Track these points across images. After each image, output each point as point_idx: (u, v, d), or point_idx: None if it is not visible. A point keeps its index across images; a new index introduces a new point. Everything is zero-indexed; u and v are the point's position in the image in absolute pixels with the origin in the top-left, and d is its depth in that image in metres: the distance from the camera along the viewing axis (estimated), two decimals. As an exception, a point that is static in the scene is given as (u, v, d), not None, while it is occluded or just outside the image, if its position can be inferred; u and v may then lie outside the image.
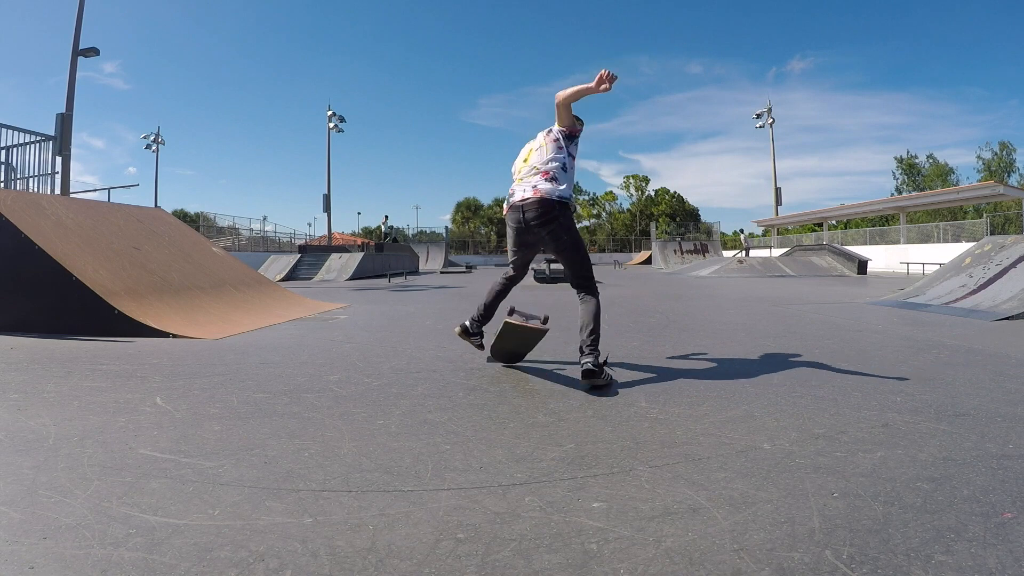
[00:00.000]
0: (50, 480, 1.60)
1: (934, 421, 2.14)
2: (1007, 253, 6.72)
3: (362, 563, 1.16)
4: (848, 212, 33.41)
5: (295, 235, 35.70)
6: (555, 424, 2.15)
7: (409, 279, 16.05)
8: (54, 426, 2.12)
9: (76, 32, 15.01)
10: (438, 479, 1.62)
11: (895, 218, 30.76)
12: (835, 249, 18.78)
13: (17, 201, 5.35)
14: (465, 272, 22.28)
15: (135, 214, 7.07)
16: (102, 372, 3.16)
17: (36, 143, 8.44)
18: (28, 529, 1.31)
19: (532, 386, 2.79)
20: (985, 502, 1.42)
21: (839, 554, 1.18)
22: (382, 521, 1.35)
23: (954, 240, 21.82)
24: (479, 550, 1.21)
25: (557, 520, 1.35)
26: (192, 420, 2.21)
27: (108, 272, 5.09)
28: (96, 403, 2.48)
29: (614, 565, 1.15)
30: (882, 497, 1.46)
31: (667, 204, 60.57)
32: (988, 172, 42.58)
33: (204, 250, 7.19)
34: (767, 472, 1.64)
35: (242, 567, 1.15)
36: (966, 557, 1.16)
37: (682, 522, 1.34)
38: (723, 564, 1.15)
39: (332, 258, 17.44)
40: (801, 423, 2.13)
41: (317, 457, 1.80)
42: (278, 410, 2.36)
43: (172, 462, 1.75)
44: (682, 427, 2.10)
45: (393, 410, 2.36)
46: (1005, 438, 1.93)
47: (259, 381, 2.94)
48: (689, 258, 28.03)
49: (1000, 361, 3.36)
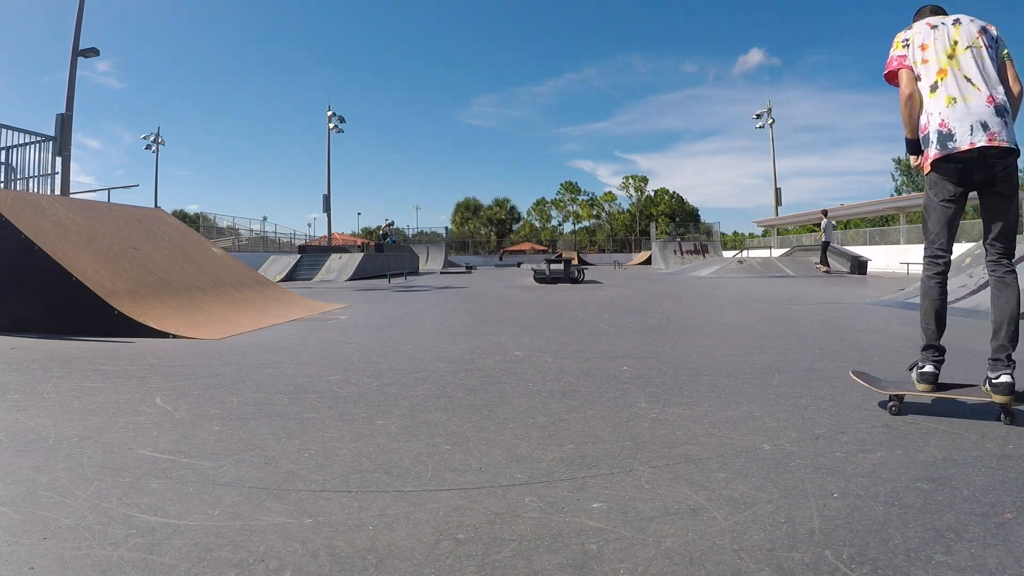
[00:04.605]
0: (50, 480, 1.60)
1: (934, 421, 2.14)
2: (1007, 253, 6.71)
3: (362, 563, 1.16)
4: (848, 212, 33.41)
5: (295, 235, 35.73)
6: (555, 424, 2.15)
7: (409, 279, 16.05)
8: (54, 426, 2.12)
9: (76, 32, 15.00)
10: (438, 479, 1.62)
11: (895, 218, 30.76)
12: (835, 249, 18.78)
13: (17, 201, 5.35)
14: (465, 272, 22.29)
15: (135, 215, 7.07)
16: (102, 372, 3.16)
17: (36, 143, 8.44)
18: (28, 529, 1.31)
19: (532, 386, 2.79)
20: (985, 502, 1.42)
21: (839, 554, 1.18)
22: (382, 521, 1.35)
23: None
24: (479, 550, 1.21)
25: (557, 520, 1.35)
26: (192, 420, 2.21)
27: (108, 272, 5.09)
28: (96, 403, 2.48)
29: (614, 565, 1.15)
30: (882, 497, 1.46)
31: (667, 204, 60.59)
32: (988, 172, 42.54)
33: (204, 251, 7.19)
34: (767, 472, 1.64)
35: (242, 567, 1.15)
36: (966, 557, 1.16)
37: (682, 522, 1.34)
38: (723, 564, 1.15)
39: (332, 258, 17.44)
40: (801, 423, 2.13)
41: (317, 457, 1.80)
42: (278, 410, 2.36)
43: (172, 462, 1.75)
44: (682, 427, 2.10)
45: (393, 410, 2.36)
46: (1005, 438, 1.93)
47: (259, 381, 2.94)
48: (689, 258, 28.01)
49: (1000, 361, 3.35)
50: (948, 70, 2.25)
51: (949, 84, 2.23)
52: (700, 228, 39.17)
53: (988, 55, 2.25)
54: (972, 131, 2.13)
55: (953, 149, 2.16)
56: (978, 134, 2.12)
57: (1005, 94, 2.20)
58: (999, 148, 2.11)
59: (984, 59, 2.24)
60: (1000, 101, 2.16)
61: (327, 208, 33.26)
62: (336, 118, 34.33)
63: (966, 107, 2.17)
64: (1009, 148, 2.12)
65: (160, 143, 36.77)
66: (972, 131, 2.13)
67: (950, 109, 2.20)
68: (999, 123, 2.12)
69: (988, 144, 2.11)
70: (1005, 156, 2.14)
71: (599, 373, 3.10)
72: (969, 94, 2.19)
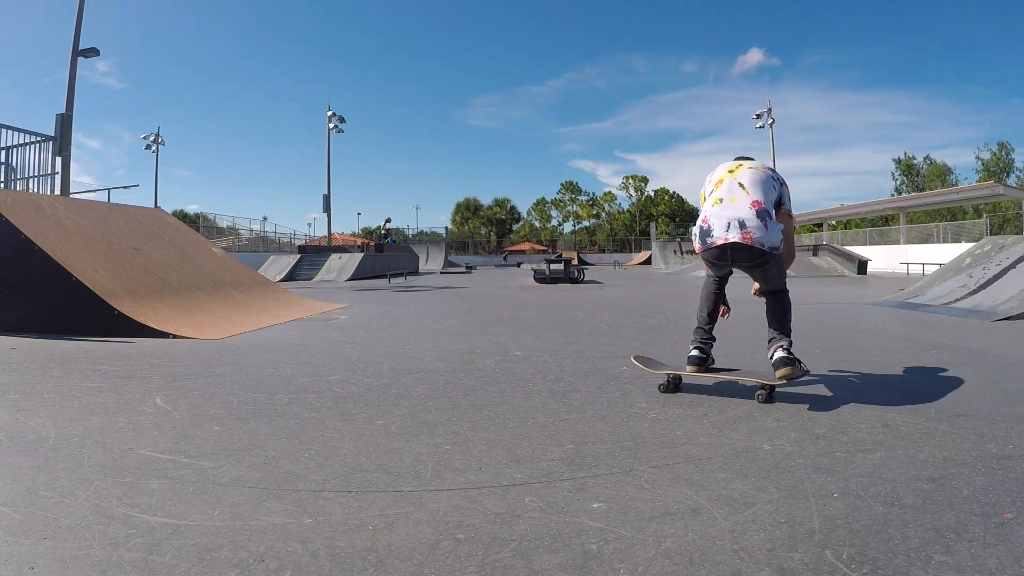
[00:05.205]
0: (50, 480, 1.60)
1: (934, 421, 2.14)
2: (1007, 253, 6.72)
3: (362, 563, 1.16)
4: (848, 212, 33.40)
5: (295, 235, 35.70)
6: (555, 424, 2.15)
7: (409, 279, 16.05)
8: (54, 426, 2.12)
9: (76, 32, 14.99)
10: (438, 479, 1.62)
11: (895, 218, 30.75)
12: (835, 249, 18.78)
13: (17, 201, 5.35)
14: (465, 272, 22.29)
15: (135, 215, 7.07)
16: (102, 372, 3.16)
17: (36, 143, 8.44)
18: (28, 529, 1.31)
19: (532, 387, 2.79)
20: (985, 502, 1.42)
21: (839, 554, 1.18)
22: (382, 521, 1.35)
23: (954, 240, 21.81)
24: (479, 550, 1.21)
25: (557, 520, 1.35)
26: (192, 420, 2.21)
27: (108, 273, 5.09)
28: (96, 403, 2.48)
29: (614, 565, 1.15)
30: (882, 497, 1.46)
31: (666, 204, 60.58)
32: (987, 172, 42.59)
33: (204, 251, 7.19)
34: (767, 472, 1.64)
35: (242, 567, 1.15)
36: (966, 557, 1.16)
37: (682, 522, 1.34)
38: (723, 564, 1.15)
39: (332, 258, 17.44)
40: (801, 423, 2.13)
41: (317, 457, 1.80)
42: (278, 410, 2.36)
43: (172, 462, 1.75)
44: (682, 427, 2.10)
45: (393, 410, 2.36)
46: (1005, 438, 1.93)
47: (259, 381, 2.94)
48: (689, 258, 27.94)
49: (1000, 361, 3.36)
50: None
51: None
52: (700, 228, 39.04)
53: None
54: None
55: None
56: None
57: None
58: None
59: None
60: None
61: (327, 208, 33.19)
62: (336, 118, 34.26)
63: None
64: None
65: (160, 143, 36.71)
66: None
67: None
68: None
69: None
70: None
71: (599, 373, 3.10)
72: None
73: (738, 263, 2.64)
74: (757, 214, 2.49)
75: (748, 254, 2.52)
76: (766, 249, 2.49)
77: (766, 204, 2.54)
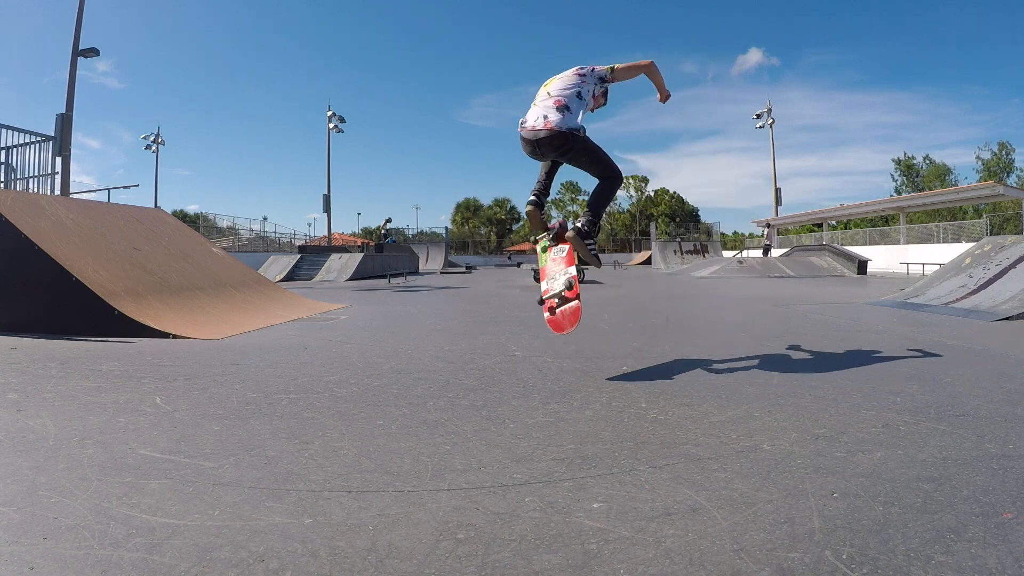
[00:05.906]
0: (50, 480, 1.60)
1: (934, 421, 2.14)
2: (1007, 253, 6.72)
3: (362, 563, 1.16)
4: (848, 212, 33.41)
5: (295, 235, 35.74)
6: (555, 424, 2.15)
7: (409, 279, 16.05)
8: (54, 426, 2.12)
9: (76, 32, 15.00)
10: (438, 479, 1.62)
11: (895, 218, 30.77)
12: (835, 249, 18.77)
13: (17, 201, 5.35)
14: (465, 272, 22.28)
15: (135, 215, 7.07)
16: (102, 372, 3.16)
17: (36, 143, 8.44)
18: (28, 529, 1.31)
19: (532, 386, 2.79)
20: (985, 502, 1.42)
21: (839, 554, 1.18)
22: (382, 521, 1.35)
23: (954, 240, 21.82)
24: (479, 550, 1.21)
25: (557, 520, 1.35)
26: (192, 421, 2.21)
27: (108, 273, 5.09)
28: (96, 403, 2.48)
29: (614, 565, 1.15)
30: (882, 497, 1.46)
31: (667, 204, 60.61)
32: (987, 172, 42.60)
33: (204, 251, 7.19)
34: (767, 472, 1.64)
35: (242, 567, 1.15)
36: (966, 557, 1.16)
37: (682, 522, 1.34)
38: (723, 564, 1.15)
39: (332, 258, 17.44)
40: (801, 423, 2.13)
41: (317, 457, 1.80)
42: (278, 410, 2.36)
43: (172, 462, 1.75)
44: (682, 427, 2.10)
45: (393, 410, 2.36)
46: (1005, 438, 1.93)
47: (259, 381, 2.94)
48: (689, 258, 27.99)
49: (1000, 361, 3.36)
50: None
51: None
52: (700, 228, 39.17)
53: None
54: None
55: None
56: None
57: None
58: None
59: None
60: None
61: (327, 208, 33.24)
62: (336, 118, 34.30)
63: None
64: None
65: (160, 143, 36.74)
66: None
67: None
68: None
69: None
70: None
71: (599, 373, 3.10)
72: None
73: (547, 151, 3.04)
74: (557, 108, 2.96)
75: (551, 141, 2.95)
76: (563, 129, 2.91)
77: (567, 100, 2.99)
